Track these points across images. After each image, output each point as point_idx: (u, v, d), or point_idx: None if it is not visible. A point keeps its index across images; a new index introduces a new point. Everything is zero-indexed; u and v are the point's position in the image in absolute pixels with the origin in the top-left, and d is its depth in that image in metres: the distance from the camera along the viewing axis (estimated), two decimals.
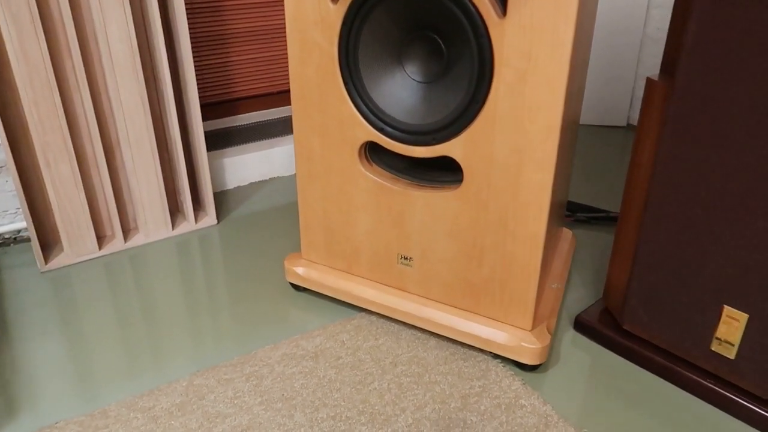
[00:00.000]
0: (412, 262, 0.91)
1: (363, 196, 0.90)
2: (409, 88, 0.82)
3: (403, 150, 0.83)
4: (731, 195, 0.72)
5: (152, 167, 1.15)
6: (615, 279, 0.91)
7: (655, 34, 1.76)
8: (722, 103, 0.69)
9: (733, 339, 0.77)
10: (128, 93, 1.08)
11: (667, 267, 0.80)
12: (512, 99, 0.73)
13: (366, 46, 0.81)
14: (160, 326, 0.97)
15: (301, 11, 0.83)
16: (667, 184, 0.77)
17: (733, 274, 0.74)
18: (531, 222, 0.79)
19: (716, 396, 0.80)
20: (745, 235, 0.72)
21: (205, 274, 1.11)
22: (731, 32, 0.66)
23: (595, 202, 1.39)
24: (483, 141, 0.77)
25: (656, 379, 0.86)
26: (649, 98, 0.79)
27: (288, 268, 1.02)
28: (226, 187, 1.45)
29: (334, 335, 0.94)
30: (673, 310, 0.82)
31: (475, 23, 0.71)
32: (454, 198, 0.83)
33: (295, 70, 0.88)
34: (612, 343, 0.91)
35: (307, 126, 0.90)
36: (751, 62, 0.66)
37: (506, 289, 0.85)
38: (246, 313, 1.00)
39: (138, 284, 1.08)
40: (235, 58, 1.55)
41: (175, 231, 1.23)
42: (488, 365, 0.88)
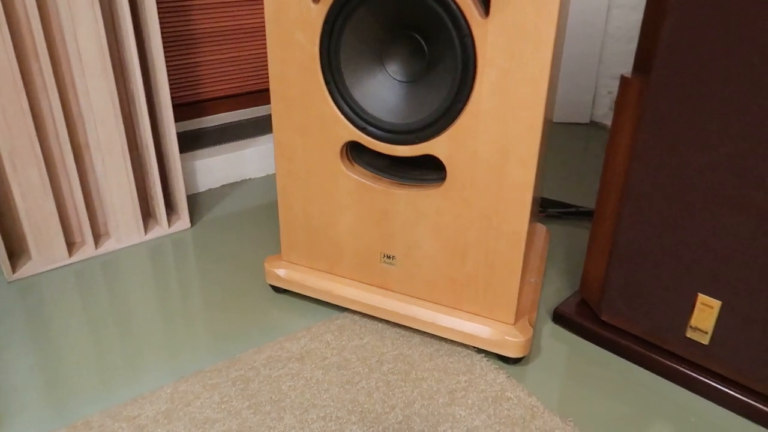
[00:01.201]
0: (395, 260, 0.92)
1: (345, 195, 0.90)
2: (391, 87, 0.83)
3: (386, 149, 0.84)
4: (705, 188, 0.75)
5: (123, 171, 1.12)
6: (592, 271, 0.94)
7: (616, 33, 1.81)
8: (697, 99, 0.72)
9: (707, 326, 0.80)
10: (98, 95, 1.05)
11: (644, 258, 0.83)
12: (495, 97, 0.74)
13: (348, 46, 0.81)
14: (138, 334, 0.95)
15: (281, 11, 0.82)
16: (643, 178, 0.80)
17: (707, 263, 0.78)
18: (514, 218, 0.80)
19: (691, 380, 0.84)
20: (718, 225, 0.75)
21: (181, 278, 1.09)
22: (705, 30, 0.69)
23: (563, 197, 1.42)
24: (466, 139, 0.78)
25: (634, 367, 0.89)
26: (624, 95, 0.81)
27: (268, 270, 1.02)
28: (197, 189, 1.43)
29: (319, 336, 0.93)
30: (649, 299, 0.85)
31: (458, 23, 0.72)
32: (438, 196, 0.84)
33: (275, 70, 0.87)
34: (590, 333, 0.94)
35: (288, 126, 0.90)
36: (724, 58, 0.69)
37: (489, 284, 0.86)
38: (226, 317, 0.99)
39: (112, 291, 1.05)
40: (203, 59, 1.53)
41: (147, 236, 1.20)
42: (473, 360, 0.89)
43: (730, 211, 0.74)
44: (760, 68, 0.66)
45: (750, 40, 0.66)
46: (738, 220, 0.73)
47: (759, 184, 0.71)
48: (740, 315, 0.77)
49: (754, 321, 0.76)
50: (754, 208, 0.72)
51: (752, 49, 0.66)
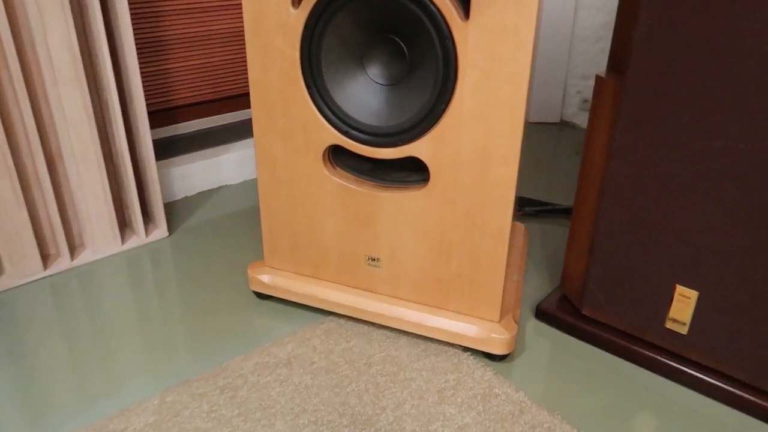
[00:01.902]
0: (381, 262, 0.92)
1: (329, 199, 0.90)
2: (372, 90, 0.83)
3: (369, 152, 0.84)
4: (680, 183, 0.77)
5: (98, 180, 1.10)
6: (572, 267, 0.96)
7: (583, 34, 1.85)
8: (671, 97, 0.74)
9: (686, 316, 0.83)
10: (71, 103, 1.03)
11: (624, 252, 0.85)
12: (477, 98, 0.75)
13: (329, 50, 0.81)
14: (119, 346, 0.93)
15: (260, 16, 0.82)
16: (621, 175, 0.82)
17: (684, 256, 0.80)
18: (497, 216, 0.81)
19: (672, 370, 0.86)
20: (693, 219, 0.78)
21: (161, 288, 1.08)
22: (678, 30, 0.71)
23: (537, 195, 1.44)
24: (449, 140, 0.79)
25: (616, 359, 0.91)
26: (599, 95, 0.83)
27: (252, 277, 1.01)
28: (173, 198, 1.41)
29: (305, 341, 0.93)
30: (629, 292, 0.87)
31: (439, 26, 0.73)
32: (422, 197, 0.85)
33: (255, 75, 0.87)
34: (572, 328, 0.96)
35: (269, 131, 0.90)
36: (697, 57, 0.71)
37: (474, 283, 0.87)
38: (210, 326, 0.98)
39: (89, 304, 1.03)
40: (174, 65, 1.51)
41: (125, 245, 1.18)
42: (459, 358, 0.90)
43: (704, 205, 0.76)
44: (731, 66, 0.69)
45: (721, 39, 0.69)
46: (712, 213, 0.76)
47: (731, 178, 0.73)
48: (716, 304, 0.80)
49: (730, 310, 0.79)
50: (726, 201, 0.75)
51: (724, 47, 0.69)
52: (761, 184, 0.71)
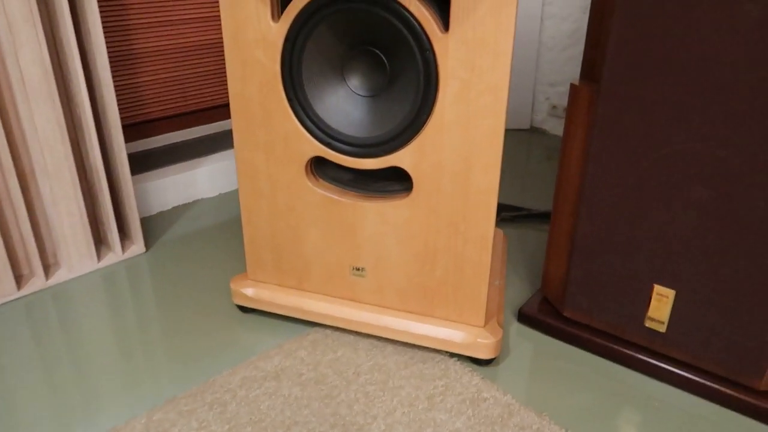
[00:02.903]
0: (365, 272, 0.92)
1: (312, 211, 0.91)
2: (354, 102, 0.84)
3: (352, 163, 0.85)
4: (655, 185, 0.80)
5: (73, 197, 1.08)
6: (552, 270, 0.98)
7: (550, 42, 1.90)
8: (644, 103, 0.77)
9: (664, 315, 0.86)
10: (44, 119, 1.01)
11: (603, 254, 0.88)
12: (458, 108, 0.77)
13: (309, 63, 0.82)
14: (99, 367, 0.91)
15: (240, 30, 0.82)
16: (598, 179, 0.84)
17: (660, 256, 0.83)
18: (480, 223, 0.83)
19: (652, 368, 0.89)
20: (668, 220, 0.81)
21: (140, 305, 1.06)
22: (649, 39, 0.74)
23: (512, 200, 1.47)
24: (431, 149, 0.81)
25: (599, 359, 0.93)
26: (574, 102, 0.86)
27: (235, 290, 1.00)
28: (148, 213, 1.39)
29: (292, 353, 0.93)
30: (609, 293, 0.90)
31: (419, 39, 0.74)
32: (405, 206, 0.86)
33: (235, 88, 0.87)
34: (555, 330, 0.98)
35: (250, 144, 0.89)
36: (668, 65, 0.74)
37: (459, 289, 0.89)
38: (194, 342, 0.96)
39: (66, 324, 1.00)
40: (143, 79, 1.49)
41: (101, 263, 1.16)
42: (447, 364, 0.91)
43: (678, 206, 0.79)
44: (701, 73, 0.72)
45: (691, 47, 0.72)
46: (685, 213, 0.79)
47: (702, 180, 0.76)
48: (692, 302, 0.83)
49: (705, 307, 0.82)
50: (698, 202, 0.78)
51: (693, 55, 0.72)
52: (730, 186, 0.74)
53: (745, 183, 0.73)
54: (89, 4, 1.01)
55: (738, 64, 0.69)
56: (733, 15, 0.68)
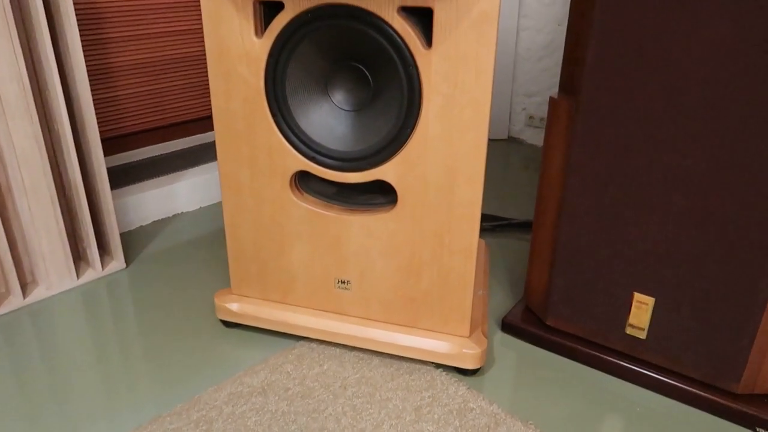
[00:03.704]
0: (350, 285, 0.93)
1: (297, 224, 0.91)
2: (338, 116, 0.85)
3: (336, 177, 0.85)
4: (633, 195, 0.82)
5: (51, 214, 1.06)
6: (535, 280, 1.00)
7: (526, 54, 1.93)
8: (622, 116, 0.79)
9: (644, 321, 0.88)
10: (21, 136, 0.99)
11: (584, 264, 0.90)
12: (441, 122, 0.78)
13: (293, 78, 0.82)
14: (80, 387, 0.90)
15: (223, 46, 0.83)
16: (578, 190, 0.86)
17: (640, 264, 0.85)
18: (465, 234, 0.84)
19: (634, 374, 0.91)
20: (646, 228, 0.83)
21: (121, 323, 1.04)
22: (626, 54, 0.76)
23: (490, 210, 1.49)
24: (415, 163, 0.81)
25: (582, 367, 0.95)
26: (554, 115, 0.88)
27: (219, 305, 1.00)
28: (128, 228, 1.37)
29: (278, 367, 0.93)
30: (591, 302, 0.91)
31: (403, 55, 0.75)
32: (390, 219, 0.86)
33: (219, 103, 0.87)
34: (538, 338, 0.99)
35: (234, 158, 0.89)
36: (644, 79, 0.76)
37: (444, 300, 0.89)
38: (178, 359, 0.95)
39: (45, 344, 0.99)
40: (122, 92, 1.48)
41: (80, 280, 1.14)
42: (433, 375, 0.92)
43: (656, 215, 0.81)
44: (673, 88, 0.75)
45: (664, 64, 0.74)
46: (663, 222, 0.81)
47: (678, 189, 0.79)
48: (671, 309, 0.85)
49: (683, 313, 0.84)
50: (675, 211, 0.80)
51: (666, 71, 0.74)
52: (705, 196, 0.77)
53: (719, 193, 0.76)
54: (67, 19, 1.00)
55: (707, 79, 0.72)
56: (703, 33, 0.70)
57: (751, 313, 0.78)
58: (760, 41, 0.68)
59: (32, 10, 0.97)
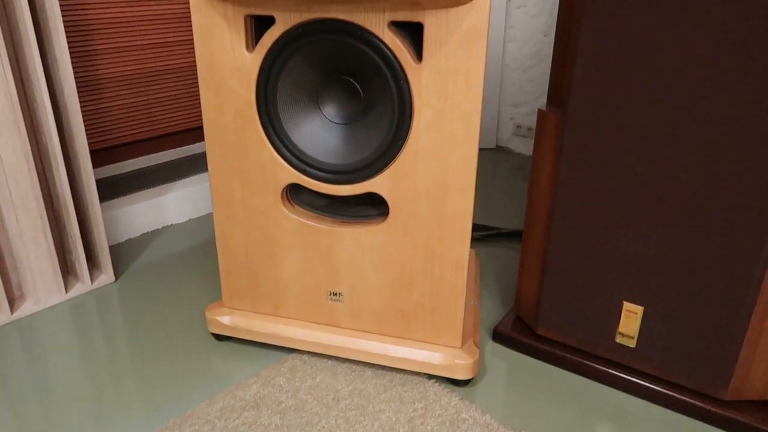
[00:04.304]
0: (342, 297, 0.93)
1: (288, 237, 0.91)
2: (329, 129, 0.85)
3: (328, 189, 0.86)
4: (621, 206, 0.83)
5: (39, 228, 1.06)
6: (525, 289, 1.00)
7: (513, 64, 1.96)
8: (609, 128, 0.80)
9: (633, 330, 0.89)
10: (9, 150, 0.98)
11: (573, 273, 0.91)
12: (432, 135, 0.79)
13: (284, 92, 0.83)
14: (69, 403, 0.89)
15: (214, 60, 0.83)
16: (567, 201, 0.87)
17: (628, 273, 0.86)
18: (456, 246, 0.85)
19: (624, 382, 0.91)
20: (634, 238, 0.84)
21: (111, 337, 1.04)
22: (613, 67, 0.78)
23: (479, 219, 1.50)
24: (406, 175, 0.82)
25: (573, 375, 0.96)
26: (542, 127, 0.89)
27: (210, 319, 0.99)
28: (116, 240, 1.36)
29: (270, 380, 0.92)
30: (581, 311, 0.92)
31: (393, 69, 0.76)
32: (381, 231, 0.87)
33: (210, 116, 0.87)
34: (529, 348, 1.00)
35: (225, 172, 0.89)
36: (630, 92, 0.78)
37: (436, 311, 0.90)
38: (169, 373, 0.95)
39: (34, 360, 0.98)
40: (110, 104, 1.47)
41: (69, 294, 1.13)
42: (425, 386, 0.92)
43: (644, 225, 0.83)
44: (660, 100, 0.76)
45: (650, 76, 0.76)
46: (650, 232, 0.82)
47: (665, 201, 0.80)
48: (659, 318, 0.86)
49: (671, 322, 0.85)
50: (662, 221, 0.81)
51: (653, 83, 0.76)
52: (692, 206, 0.78)
53: (705, 203, 0.77)
54: (56, 32, 1.00)
55: (692, 92, 0.73)
56: (687, 46, 0.72)
57: (737, 321, 0.80)
58: (742, 54, 0.69)
59: (20, 23, 0.96)
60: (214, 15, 0.80)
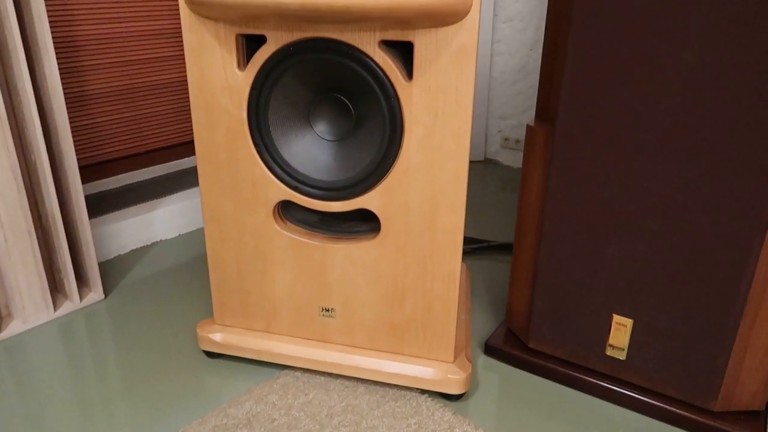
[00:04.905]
0: (335, 312, 0.93)
1: (280, 253, 0.91)
2: (320, 146, 0.86)
3: (320, 206, 0.86)
4: (609, 220, 0.84)
5: (28, 246, 1.05)
6: (516, 302, 1.01)
7: (500, 77, 1.98)
8: (597, 142, 0.82)
9: (623, 342, 0.90)
10: None
11: (564, 287, 0.91)
12: (423, 152, 0.80)
13: (275, 109, 0.83)
14: (57, 425, 0.88)
15: (205, 78, 0.83)
16: (557, 215, 0.88)
17: (617, 287, 0.87)
18: (448, 260, 0.85)
19: (615, 395, 0.92)
20: (623, 252, 0.85)
21: (100, 356, 1.03)
22: (599, 85, 0.79)
23: (469, 231, 1.51)
24: (398, 191, 0.83)
25: (564, 389, 0.96)
26: (531, 143, 0.90)
27: (202, 336, 0.99)
28: (106, 257, 1.35)
29: (263, 397, 0.92)
30: (572, 324, 0.93)
31: (384, 87, 0.77)
32: (373, 246, 0.87)
33: (201, 134, 0.87)
34: (521, 361, 1.00)
35: (216, 189, 0.90)
36: (616, 108, 0.79)
37: (428, 326, 0.90)
38: (160, 392, 0.94)
39: (22, 380, 0.96)
40: (98, 119, 1.47)
41: (57, 312, 1.12)
42: (418, 401, 0.92)
43: (631, 239, 0.84)
44: (645, 115, 0.77)
45: (636, 92, 0.77)
46: (638, 246, 0.84)
47: (653, 214, 0.81)
48: (649, 330, 0.87)
49: (661, 334, 0.86)
50: (649, 235, 0.82)
51: (638, 99, 0.77)
52: (679, 219, 0.80)
53: (691, 216, 0.79)
54: (45, 49, 0.99)
55: (678, 108, 0.75)
56: (672, 62, 0.74)
57: (725, 333, 0.81)
58: (725, 70, 0.71)
59: (9, 40, 0.96)
60: (206, 34, 0.81)
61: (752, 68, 0.69)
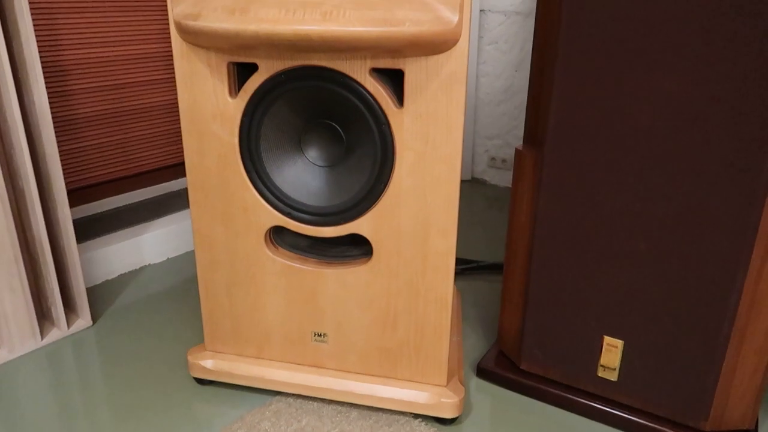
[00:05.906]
0: (327, 337, 0.93)
1: (272, 279, 0.91)
2: (312, 172, 0.86)
3: (312, 231, 0.86)
4: (599, 242, 0.86)
5: (15, 273, 1.04)
6: (507, 324, 1.02)
7: (486, 98, 2.00)
8: (585, 166, 0.83)
9: (614, 363, 0.90)
10: None
11: (555, 309, 0.92)
12: (414, 177, 0.80)
13: (267, 135, 0.84)
14: None
15: (197, 106, 0.84)
16: (546, 238, 0.89)
17: (607, 308, 0.88)
18: (440, 285, 0.86)
19: (607, 415, 0.93)
20: (613, 274, 0.86)
21: (88, 385, 1.01)
22: (586, 109, 0.81)
23: (458, 251, 1.52)
24: (389, 216, 0.83)
25: (556, 410, 0.96)
26: (520, 166, 0.91)
27: (192, 363, 0.98)
28: (93, 282, 1.34)
29: (255, 425, 0.91)
30: (563, 345, 0.94)
31: (375, 114, 0.78)
32: (365, 271, 0.87)
33: (192, 160, 0.87)
34: (513, 383, 1.01)
35: (207, 215, 0.89)
36: (602, 132, 0.81)
37: (421, 349, 0.90)
38: (150, 421, 0.93)
39: (7, 410, 0.95)
40: (86, 143, 1.46)
41: (44, 340, 1.11)
42: (412, 426, 0.92)
43: (621, 261, 0.85)
44: (633, 139, 0.79)
45: (621, 117, 0.79)
46: (627, 268, 0.85)
47: (642, 236, 0.82)
48: (639, 351, 0.88)
49: (651, 355, 0.87)
50: (638, 257, 0.84)
51: (624, 124, 0.79)
52: (667, 241, 0.81)
53: (679, 238, 0.80)
54: (34, 77, 0.99)
55: (661, 132, 0.77)
56: (655, 90, 0.75)
57: (714, 353, 0.82)
58: (705, 98, 0.73)
59: None
60: (197, 62, 0.82)
61: (730, 94, 0.71)
